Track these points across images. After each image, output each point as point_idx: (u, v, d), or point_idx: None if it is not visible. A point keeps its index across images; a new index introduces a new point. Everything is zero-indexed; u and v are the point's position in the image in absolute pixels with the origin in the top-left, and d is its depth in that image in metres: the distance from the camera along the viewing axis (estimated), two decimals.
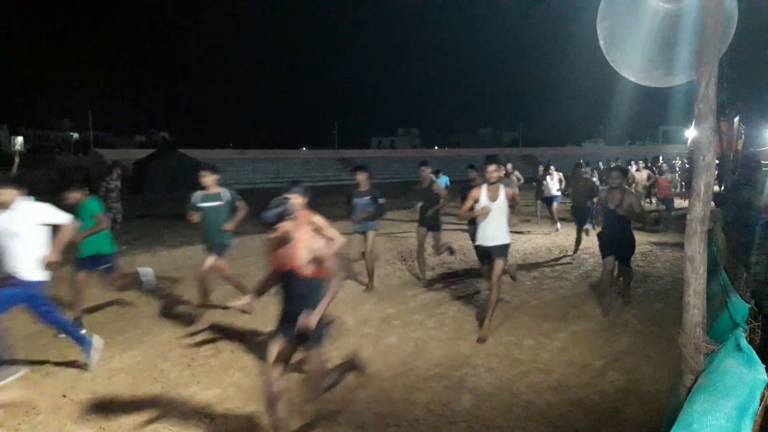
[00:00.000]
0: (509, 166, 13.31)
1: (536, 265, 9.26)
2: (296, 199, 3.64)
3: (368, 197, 7.29)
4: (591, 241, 11.49)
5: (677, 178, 19.23)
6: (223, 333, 5.90)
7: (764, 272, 5.06)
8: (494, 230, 5.77)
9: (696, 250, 2.72)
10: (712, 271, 3.51)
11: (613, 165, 14.04)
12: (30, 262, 4.64)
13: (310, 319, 3.28)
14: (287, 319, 3.46)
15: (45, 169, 35.33)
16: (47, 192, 10.38)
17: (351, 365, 4.02)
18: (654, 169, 17.07)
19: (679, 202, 15.03)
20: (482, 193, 5.81)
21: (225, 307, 6.30)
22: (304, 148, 52.47)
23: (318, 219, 4.23)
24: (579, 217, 10.29)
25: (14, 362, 4.82)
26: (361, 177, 7.39)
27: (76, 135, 67.27)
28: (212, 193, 6.19)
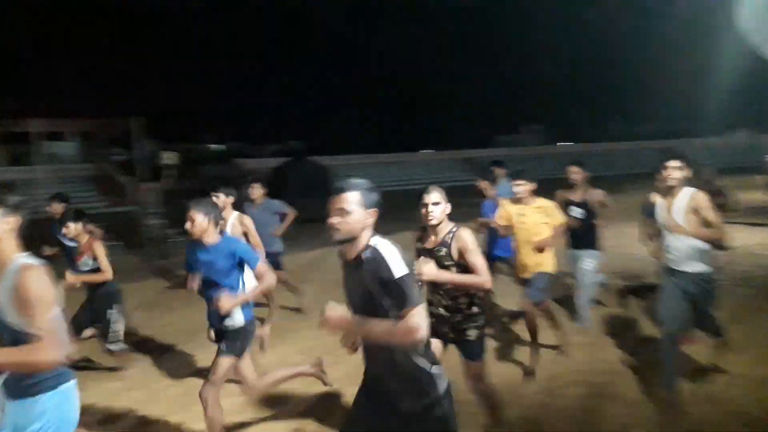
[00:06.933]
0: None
1: None
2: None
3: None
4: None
5: None
6: None
7: None
8: None
9: None
10: None
11: None
12: None
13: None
14: None
15: (192, 179, 38.60)
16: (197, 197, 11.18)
17: None
18: None
19: None
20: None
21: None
22: (429, 150, 51.78)
23: None
24: None
25: None
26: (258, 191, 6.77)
27: (216, 147, 72.97)
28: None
